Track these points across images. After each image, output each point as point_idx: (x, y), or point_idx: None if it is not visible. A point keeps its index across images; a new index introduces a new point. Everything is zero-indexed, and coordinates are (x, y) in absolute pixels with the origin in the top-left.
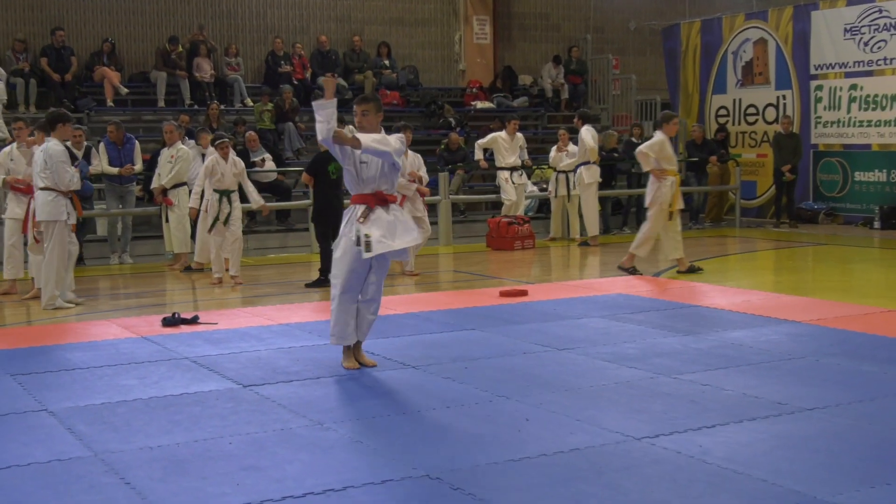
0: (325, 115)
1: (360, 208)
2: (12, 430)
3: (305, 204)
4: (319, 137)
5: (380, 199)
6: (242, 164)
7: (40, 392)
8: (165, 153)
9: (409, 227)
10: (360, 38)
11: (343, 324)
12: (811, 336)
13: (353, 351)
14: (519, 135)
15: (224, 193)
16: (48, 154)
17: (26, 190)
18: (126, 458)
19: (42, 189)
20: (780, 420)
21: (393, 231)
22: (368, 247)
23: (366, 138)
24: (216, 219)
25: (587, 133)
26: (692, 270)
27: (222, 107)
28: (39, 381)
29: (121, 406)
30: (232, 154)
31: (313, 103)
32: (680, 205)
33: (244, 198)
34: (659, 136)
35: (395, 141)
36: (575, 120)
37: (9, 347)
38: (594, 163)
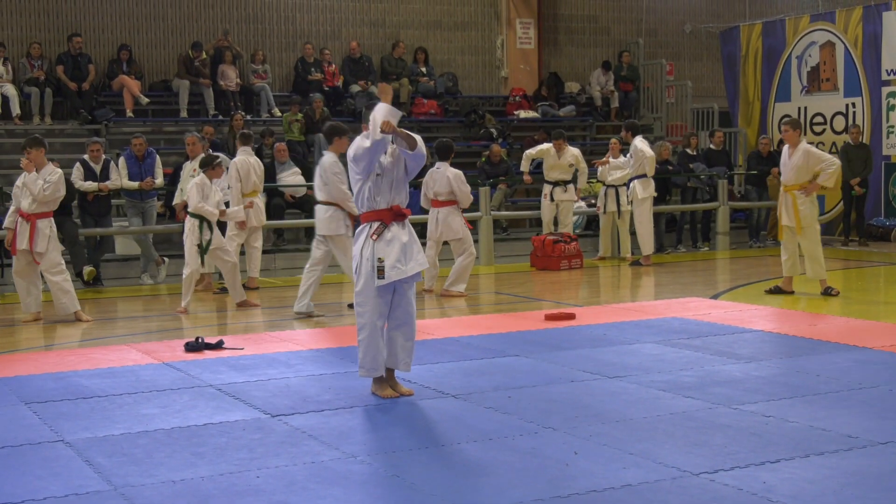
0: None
1: (375, 225)
2: (27, 462)
3: None
4: (368, 143)
5: (396, 214)
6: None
7: (56, 421)
8: (188, 167)
9: (420, 248)
10: (396, 44)
11: (375, 352)
12: (884, 364)
13: (387, 379)
14: (572, 150)
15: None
16: (323, 168)
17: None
18: (147, 492)
19: (321, 203)
20: (851, 455)
21: (408, 254)
22: (381, 273)
23: (417, 137)
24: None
25: (643, 143)
26: (776, 291)
27: (248, 117)
28: (55, 409)
29: (141, 437)
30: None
31: (378, 113)
32: (785, 220)
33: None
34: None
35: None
36: (623, 133)
37: (24, 374)
38: (649, 176)
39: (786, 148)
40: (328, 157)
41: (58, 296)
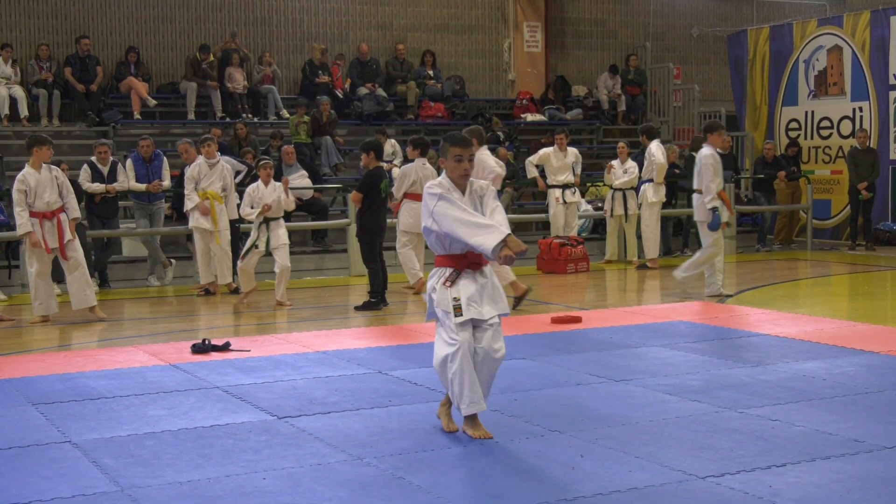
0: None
1: (448, 271)
2: (34, 463)
3: (343, 223)
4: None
5: (471, 262)
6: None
7: (64, 422)
8: (188, 172)
9: (500, 292)
10: (404, 46)
11: (471, 382)
12: (890, 368)
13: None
14: (572, 150)
15: None
16: (699, 159)
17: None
18: (154, 493)
19: (695, 192)
20: (857, 459)
21: (484, 296)
22: (458, 311)
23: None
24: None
25: (658, 149)
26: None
27: (255, 119)
28: (63, 410)
29: (148, 438)
30: None
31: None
32: None
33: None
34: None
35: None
36: (641, 137)
37: (31, 375)
38: (656, 182)
39: None
40: (706, 150)
41: (83, 288)
